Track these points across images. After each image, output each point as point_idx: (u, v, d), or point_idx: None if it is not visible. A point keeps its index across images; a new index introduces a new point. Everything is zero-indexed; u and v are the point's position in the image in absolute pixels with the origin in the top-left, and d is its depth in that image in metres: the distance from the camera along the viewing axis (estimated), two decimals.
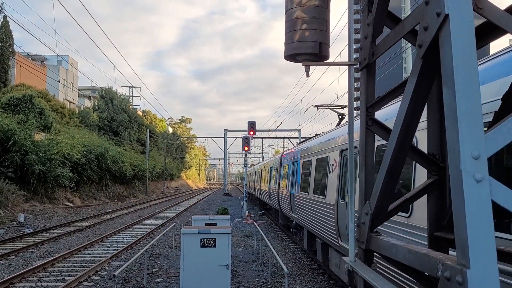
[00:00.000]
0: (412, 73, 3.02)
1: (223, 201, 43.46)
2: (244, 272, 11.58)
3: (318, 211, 11.05)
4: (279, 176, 20.45)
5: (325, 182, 10.54)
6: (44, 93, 44.41)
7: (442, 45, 2.53)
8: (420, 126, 3.76)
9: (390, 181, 3.44)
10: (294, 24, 4.43)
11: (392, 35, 3.57)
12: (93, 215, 26.53)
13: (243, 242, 16.88)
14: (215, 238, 8.81)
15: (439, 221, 3.54)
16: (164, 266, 12.25)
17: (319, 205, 10.97)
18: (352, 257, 4.16)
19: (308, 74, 4.82)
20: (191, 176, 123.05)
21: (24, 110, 31.71)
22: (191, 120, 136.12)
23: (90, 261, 12.90)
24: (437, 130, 3.65)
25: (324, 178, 10.72)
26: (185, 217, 26.88)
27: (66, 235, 18.19)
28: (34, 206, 25.94)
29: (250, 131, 26.02)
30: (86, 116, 51.32)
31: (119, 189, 45.23)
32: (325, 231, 10.11)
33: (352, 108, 4.48)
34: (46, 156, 27.48)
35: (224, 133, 59.55)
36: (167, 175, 73.13)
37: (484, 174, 2.22)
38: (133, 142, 60.76)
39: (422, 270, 2.77)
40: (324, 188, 10.46)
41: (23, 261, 12.90)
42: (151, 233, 19.37)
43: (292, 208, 15.56)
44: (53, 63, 58.94)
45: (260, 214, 29.07)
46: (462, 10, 2.44)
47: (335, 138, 10.23)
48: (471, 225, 2.17)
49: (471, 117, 2.29)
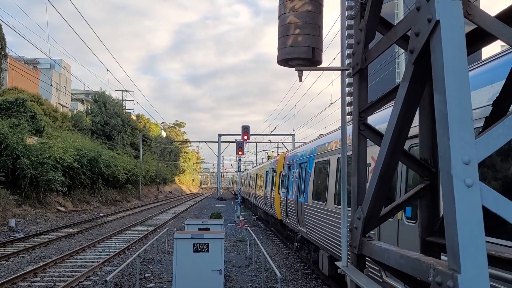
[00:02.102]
0: (404, 79, 3.03)
1: (216, 205, 43.35)
2: (237, 277, 11.54)
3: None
4: (280, 181, 17.81)
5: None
6: (37, 97, 44.14)
7: (433, 51, 2.54)
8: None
9: (382, 186, 3.44)
10: (287, 29, 4.45)
11: (384, 40, 3.59)
12: (85, 220, 26.33)
13: (236, 247, 16.82)
14: (208, 243, 8.78)
15: (431, 226, 3.55)
16: (157, 271, 12.17)
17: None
18: (345, 262, 4.16)
19: (301, 79, 4.83)
20: (185, 180, 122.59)
21: (16, 113, 31.47)
22: (184, 125, 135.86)
23: (81, 266, 12.79)
24: (429, 135, 3.67)
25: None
26: (178, 221, 26.76)
27: (57, 240, 18.01)
28: (25, 211, 25.69)
29: (244, 136, 26.00)
30: (79, 120, 51.05)
31: (112, 193, 44.94)
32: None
33: (344, 113, 4.49)
34: (38, 160, 27.25)
35: (218, 138, 59.56)
36: (161, 179, 72.83)
37: (475, 179, 2.23)
38: (126, 146, 60.46)
39: (413, 275, 2.77)
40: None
41: (14, 266, 12.76)
42: (144, 238, 19.25)
43: (299, 220, 12.93)
44: (46, 66, 58.66)
45: (254, 219, 29.01)
46: (452, 16, 2.46)
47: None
48: (462, 230, 2.18)
49: (461, 122, 2.31)
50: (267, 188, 21.75)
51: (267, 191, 21.61)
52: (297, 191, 13.62)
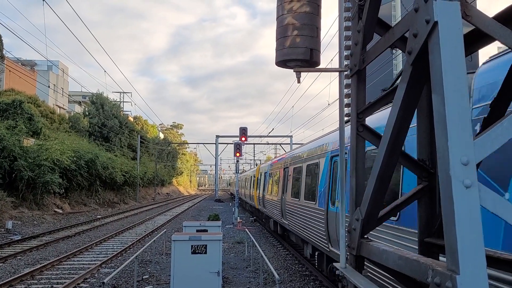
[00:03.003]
0: (402, 80, 3.04)
1: (214, 207, 43.29)
2: (235, 279, 11.52)
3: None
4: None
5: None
6: (34, 99, 43.98)
7: (431, 52, 2.55)
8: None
9: (381, 187, 3.44)
10: (285, 30, 4.45)
11: (382, 41, 3.60)
12: (83, 222, 26.24)
13: (234, 248, 16.80)
14: (206, 244, 8.76)
15: (430, 227, 3.56)
16: (155, 273, 12.14)
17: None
18: (343, 263, 4.15)
19: (299, 80, 4.84)
20: (182, 182, 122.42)
21: (13, 115, 31.36)
22: (182, 126, 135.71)
23: (79, 268, 12.74)
24: (427, 136, 3.68)
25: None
26: (176, 223, 26.71)
27: (55, 242, 17.95)
28: (22, 213, 25.59)
29: (242, 137, 26.00)
30: (77, 121, 50.90)
31: (110, 195, 44.81)
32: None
33: (343, 115, 4.49)
34: (35, 162, 27.14)
35: (216, 139, 59.47)
36: (158, 181, 72.71)
37: (473, 180, 2.23)
38: (124, 148, 60.32)
39: (412, 276, 2.77)
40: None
41: (11, 268, 12.70)
42: (142, 239, 19.20)
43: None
44: (43, 68, 58.44)
45: (252, 221, 29.01)
46: (451, 17, 2.46)
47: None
48: (461, 231, 2.18)
49: (460, 123, 2.31)
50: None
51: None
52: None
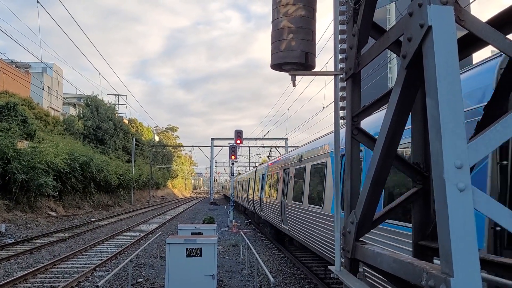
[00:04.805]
0: (397, 83, 3.06)
1: (209, 210, 43.19)
2: (230, 282, 11.49)
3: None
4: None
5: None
6: (28, 101, 43.75)
7: (425, 56, 2.57)
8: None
9: (376, 190, 3.46)
10: (280, 33, 4.46)
11: (377, 45, 3.62)
12: (77, 225, 26.09)
13: (229, 251, 16.76)
14: (201, 247, 8.74)
15: (424, 230, 3.57)
16: (149, 277, 12.08)
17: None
18: (338, 266, 4.16)
19: (294, 84, 4.85)
20: (177, 185, 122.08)
21: (7, 117, 31.18)
22: (177, 129, 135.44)
23: (73, 272, 12.66)
24: (421, 139, 3.69)
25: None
26: (171, 226, 26.61)
27: (48, 245, 17.83)
28: (16, 216, 25.39)
29: (237, 140, 25.98)
30: (71, 124, 50.66)
31: (104, 198, 44.59)
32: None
33: (338, 118, 4.51)
34: (29, 164, 26.97)
35: (211, 142, 59.46)
36: (153, 184, 72.45)
37: (467, 183, 2.25)
38: (119, 151, 60.10)
39: (406, 279, 2.78)
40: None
41: (4, 272, 12.60)
42: (136, 242, 19.12)
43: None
44: (37, 70, 58.20)
45: (247, 223, 28.98)
46: (444, 22, 2.48)
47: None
48: (455, 234, 2.19)
49: (454, 127, 2.33)
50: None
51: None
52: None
